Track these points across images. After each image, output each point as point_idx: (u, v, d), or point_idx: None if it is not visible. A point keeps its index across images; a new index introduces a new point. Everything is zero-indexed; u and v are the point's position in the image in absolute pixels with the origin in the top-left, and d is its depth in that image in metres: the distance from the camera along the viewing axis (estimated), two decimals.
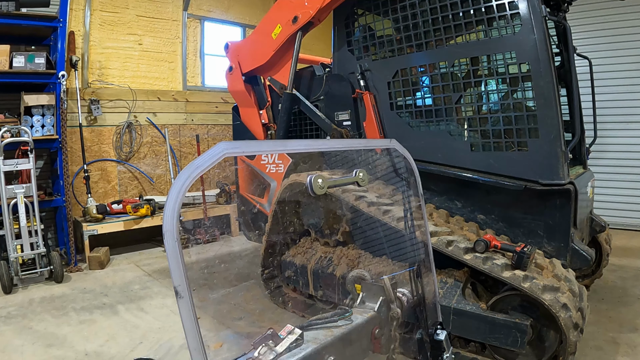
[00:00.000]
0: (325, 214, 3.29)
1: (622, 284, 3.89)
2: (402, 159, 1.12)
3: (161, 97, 6.44)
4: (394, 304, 1.07)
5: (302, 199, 3.42)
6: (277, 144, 2.01)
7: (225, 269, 4.80)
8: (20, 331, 3.28)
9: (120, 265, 5.04)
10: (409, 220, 1.20)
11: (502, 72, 2.76)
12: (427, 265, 1.19)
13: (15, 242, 4.24)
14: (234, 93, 4.40)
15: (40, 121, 4.84)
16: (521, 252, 2.37)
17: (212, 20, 7.09)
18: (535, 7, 2.53)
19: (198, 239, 5.75)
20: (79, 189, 5.64)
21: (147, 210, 5.32)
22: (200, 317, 3.34)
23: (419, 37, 3.04)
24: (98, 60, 5.86)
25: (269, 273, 3.64)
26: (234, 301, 3.82)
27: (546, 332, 2.39)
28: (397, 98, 3.28)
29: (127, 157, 6.15)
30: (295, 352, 0.84)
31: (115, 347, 3.03)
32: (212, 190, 6.35)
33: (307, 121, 3.89)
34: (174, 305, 3.61)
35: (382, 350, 1.05)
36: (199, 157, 0.67)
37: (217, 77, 6.95)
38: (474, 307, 2.48)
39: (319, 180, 0.84)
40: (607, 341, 2.89)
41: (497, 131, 2.84)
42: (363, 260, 3.04)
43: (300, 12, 3.48)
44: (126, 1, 6.05)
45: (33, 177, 4.41)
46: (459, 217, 2.96)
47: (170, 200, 0.63)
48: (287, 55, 3.75)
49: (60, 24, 4.76)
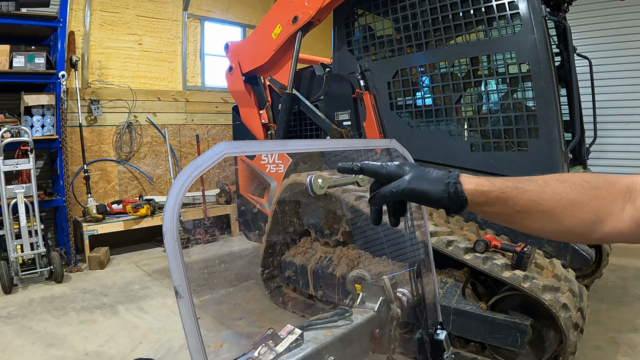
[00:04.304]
0: (325, 214, 3.29)
1: (622, 284, 3.89)
2: (402, 159, 1.12)
3: (161, 97, 6.44)
4: (394, 304, 1.07)
5: (302, 199, 3.42)
6: (277, 144, 2.01)
7: (225, 269, 4.80)
8: (20, 331, 3.28)
9: (120, 265, 5.04)
10: (409, 220, 1.20)
11: (502, 72, 2.76)
12: (427, 265, 1.19)
13: (15, 242, 4.24)
14: (234, 93, 4.40)
15: (40, 121, 4.84)
16: (521, 252, 2.37)
17: (212, 20, 7.09)
18: (535, 7, 2.53)
19: (198, 239, 5.75)
20: (79, 189, 5.64)
21: (147, 210, 5.32)
22: (200, 317, 3.33)
23: (419, 37, 3.04)
24: (98, 60, 5.85)
25: (269, 273, 3.64)
26: (234, 301, 3.82)
27: (546, 332, 2.39)
28: (397, 98, 3.28)
29: (127, 157, 6.15)
30: (295, 352, 0.84)
31: (115, 347, 3.03)
32: (212, 190, 6.35)
33: (307, 121, 3.89)
34: (174, 305, 3.61)
35: (382, 350, 1.05)
36: (199, 157, 0.66)
37: (217, 77, 6.95)
38: (474, 307, 2.48)
39: (319, 180, 0.84)
40: (607, 341, 2.88)
41: (497, 131, 2.84)
42: (363, 260, 3.04)
43: (300, 12, 3.48)
44: (126, 1, 6.05)
45: (33, 177, 4.41)
46: (459, 217, 2.96)
47: (170, 200, 0.63)
48: (287, 55, 3.75)
49: (60, 24, 4.76)
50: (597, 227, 0.72)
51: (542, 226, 0.75)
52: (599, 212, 0.71)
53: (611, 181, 0.72)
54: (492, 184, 0.75)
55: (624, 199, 0.70)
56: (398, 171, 0.79)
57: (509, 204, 0.74)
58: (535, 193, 0.73)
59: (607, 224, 0.71)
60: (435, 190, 0.76)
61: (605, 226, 0.71)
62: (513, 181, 0.75)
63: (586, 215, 0.71)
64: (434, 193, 0.76)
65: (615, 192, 0.71)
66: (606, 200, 0.71)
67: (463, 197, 0.75)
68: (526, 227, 0.77)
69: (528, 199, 0.73)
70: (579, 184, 0.73)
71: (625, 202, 0.70)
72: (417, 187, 0.76)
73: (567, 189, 0.72)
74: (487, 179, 0.77)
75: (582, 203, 0.71)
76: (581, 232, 0.74)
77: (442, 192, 0.75)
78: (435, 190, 0.76)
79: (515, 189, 0.74)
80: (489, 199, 0.75)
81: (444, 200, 0.75)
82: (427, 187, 0.76)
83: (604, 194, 0.71)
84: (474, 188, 0.75)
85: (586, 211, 0.71)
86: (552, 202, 0.72)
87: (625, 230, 0.70)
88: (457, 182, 0.75)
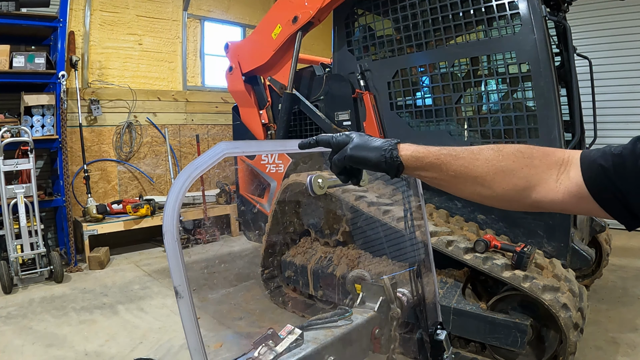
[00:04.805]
0: (325, 214, 3.29)
1: (622, 284, 3.89)
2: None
3: (161, 97, 6.44)
4: (394, 304, 1.07)
5: (302, 199, 3.42)
6: (277, 144, 2.01)
7: (225, 269, 4.80)
8: (20, 331, 3.28)
9: (120, 265, 5.04)
10: (409, 220, 1.20)
11: (502, 72, 2.76)
12: (427, 265, 1.19)
13: (15, 242, 4.24)
14: (234, 93, 4.40)
15: (40, 121, 4.84)
16: (521, 252, 2.37)
17: (212, 20, 7.08)
18: (535, 7, 2.53)
19: (198, 239, 5.75)
20: (79, 189, 5.64)
21: (147, 210, 5.32)
22: (200, 317, 3.34)
23: (419, 37, 3.04)
24: (98, 60, 5.85)
25: (269, 273, 3.64)
26: (234, 301, 3.82)
27: (546, 332, 2.39)
28: (397, 98, 3.28)
29: (127, 157, 6.15)
30: (295, 352, 0.84)
31: (115, 347, 3.03)
32: (212, 190, 6.35)
33: (307, 121, 3.89)
34: (174, 305, 3.61)
35: (382, 350, 1.05)
36: (199, 157, 0.67)
37: (217, 77, 6.94)
38: (474, 307, 2.48)
39: (319, 180, 0.84)
40: (607, 341, 2.89)
41: (497, 131, 2.84)
42: (363, 260, 3.04)
43: (300, 12, 3.48)
44: (126, 1, 6.05)
45: (33, 177, 4.41)
46: (459, 217, 2.96)
47: (170, 200, 0.63)
48: (287, 55, 3.75)
49: (60, 24, 4.76)
50: (529, 194, 0.76)
51: (475, 191, 0.80)
52: (530, 180, 0.75)
53: (546, 152, 0.77)
54: (427, 151, 0.83)
55: (558, 170, 0.74)
56: (345, 139, 0.88)
57: (442, 169, 0.81)
58: (467, 160, 0.79)
59: (539, 191, 0.75)
60: (374, 156, 0.84)
61: (537, 193, 0.75)
62: (449, 149, 0.82)
63: (518, 182, 0.76)
64: (371, 158, 0.84)
65: (550, 162, 0.75)
66: (538, 169, 0.75)
67: (398, 161, 0.83)
68: (461, 191, 0.82)
69: (461, 165, 0.79)
70: (512, 153, 0.77)
71: (559, 174, 0.74)
72: (356, 154, 0.86)
73: (499, 157, 0.77)
74: (425, 147, 0.84)
75: (514, 170, 0.76)
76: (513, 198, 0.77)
77: (380, 157, 0.84)
78: (373, 156, 0.84)
79: (449, 155, 0.81)
80: (424, 164, 0.82)
81: (382, 164, 0.84)
82: (366, 154, 0.85)
83: (536, 163, 0.75)
84: (409, 154, 0.83)
85: (517, 178, 0.75)
86: (484, 168, 0.77)
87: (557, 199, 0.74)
88: (394, 149, 0.84)
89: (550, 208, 0.77)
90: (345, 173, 0.92)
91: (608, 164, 0.68)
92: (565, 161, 0.74)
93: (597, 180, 0.69)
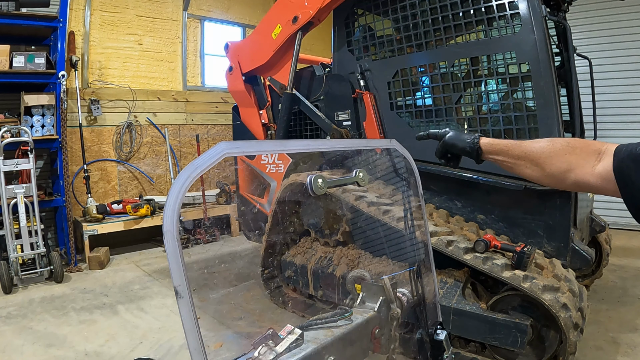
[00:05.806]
0: (325, 214, 3.29)
1: (622, 284, 3.89)
2: (402, 159, 1.13)
3: (161, 97, 6.44)
4: (394, 304, 1.07)
5: (302, 199, 3.42)
6: (277, 144, 2.01)
7: (225, 269, 4.80)
8: (20, 331, 3.28)
9: (120, 265, 5.04)
10: (409, 220, 1.20)
11: (502, 72, 2.76)
12: (427, 265, 1.19)
13: (15, 242, 4.24)
14: (234, 93, 4.40)
15: (40, 121, 4.84)
16: (521, 252, 2.37)
17: (212, 20, 7.09)
18: (535, 7, 2.53)
19: (198, 239, 5.75)
20: (79, 189, 5.64)
21: (147, 210, 5.32)
22: (200, 317, 3.34)
23: (419, 37, 3.04)
24: (98, 60, 5.85)
25: (269, 273, 3.64)
26: (234, 301, 3.82)
27: (546, 332, 2.39)
28: (397, 98, 3.28)
29: (127, 157, 6.15)
30: (295, 352, 0.84)
31: (115, 347, 3.03)
32: (212, 190, 6.35)
33: (307, 121, 3.89)
34: (174, 305, 3.61)
35: (382, 350, 1.05)
36: (199, 157, 0.67)
37: (217, 77, 6.95)
38: (474, 307, 2.48)
39: (319, 180, 0.84)
40: (607, 341, 2.89)
41: (497, 131, 2.83)
42: (363, 260, 3.04)
43: (300, 12, 3.48)
44: (126, 1, 6.05)
45: (33, 177, 4.41)
46: (459, 217, 2.96)
47: (170, 200, 0.63)
48: (287, 55, 3.75)
49: (60, 24, 4.76)
50: (569, 175, 0.98)
51: (532, 172, 1.07)
52: (571, 163, 0.97)
53: (587, 144, 0.98)
54: (500, 141, 1.15)
55: (596, 158, 0.94)
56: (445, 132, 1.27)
57: (509, 153, 1.11)
58: (528, 146, 1.07)
59: (577, 173, 0.96)
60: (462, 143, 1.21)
61: (575, 175, 0.97)
62: (516, 140, 1.12)
63: (561, 165, 0.99)
64: (459, 144, 1.21)
65: (589, 152, 0.96)
66: (579, 156, 0.97)
67: (478, 145, 1.17)
68: (523, 172, 1.09)
69: (522, 151, 1.08)
70: (560, 143, 1.02)
71: (596, 161, 0.94)
72: (449, 141, 1.25)
73: (550, 146, 1.03)
74: (499, 139, 1.16)
75: (560, 155, 1.00)
76: (558, 177, 1.01)
77: (466, 144, 1.19)
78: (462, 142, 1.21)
79: (515, 144, 1.11)
80: (497, 149, 1.14)
81: (466, 148, 1.19)
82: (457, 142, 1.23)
83: (578, 152, 0.98)
84: (486, 142, 1.17)
85: (561, 161, 0.99)
86: (538, 153, 1.04)
87: (592, 182, 0.94)
88: (476, 138, 1.18)
89: (586, 188, 0.98)
90: (445, 158, 1.28)
91: (632, 156, 0.86)
92: (602, 151, 0.93)
93: (621, 168, 0.87)
